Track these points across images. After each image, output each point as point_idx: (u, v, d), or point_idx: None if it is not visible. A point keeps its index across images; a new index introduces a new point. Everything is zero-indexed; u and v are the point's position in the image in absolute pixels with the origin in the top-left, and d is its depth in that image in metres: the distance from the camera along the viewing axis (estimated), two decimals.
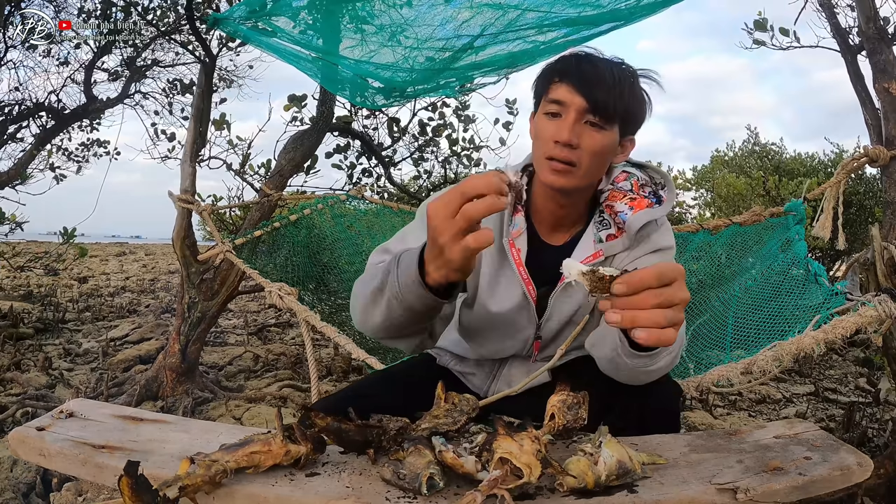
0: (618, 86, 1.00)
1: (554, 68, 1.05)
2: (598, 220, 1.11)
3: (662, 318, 0.66)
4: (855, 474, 0.70)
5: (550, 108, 1.02)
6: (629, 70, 1.04)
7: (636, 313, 0.66)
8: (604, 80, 0.99)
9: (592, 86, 0.99)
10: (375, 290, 0.93)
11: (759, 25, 2.80)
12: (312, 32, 2.18)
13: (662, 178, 1.14)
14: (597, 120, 1.00)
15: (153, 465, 0.70)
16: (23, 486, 1.91)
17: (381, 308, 0.93)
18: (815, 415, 2.69)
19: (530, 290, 1.09)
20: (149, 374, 2.80)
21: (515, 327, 1.12)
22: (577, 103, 0.99)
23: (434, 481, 0.64)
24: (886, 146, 1.85)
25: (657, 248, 1.09)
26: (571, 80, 1.00)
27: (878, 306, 1.24)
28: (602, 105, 0.99)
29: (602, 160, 1.05)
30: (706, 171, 8.79)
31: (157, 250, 16.78)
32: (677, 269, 0.68)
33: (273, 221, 2.55)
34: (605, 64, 1.02)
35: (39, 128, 4.08)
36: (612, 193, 1.11)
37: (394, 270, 0.88)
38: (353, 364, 3.41)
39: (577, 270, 0.68)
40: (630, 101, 1.03)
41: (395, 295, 0.88)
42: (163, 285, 8.23)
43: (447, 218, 0.73)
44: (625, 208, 1.08)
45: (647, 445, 0.79)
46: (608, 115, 1.00)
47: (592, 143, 1.01)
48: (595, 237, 1.10)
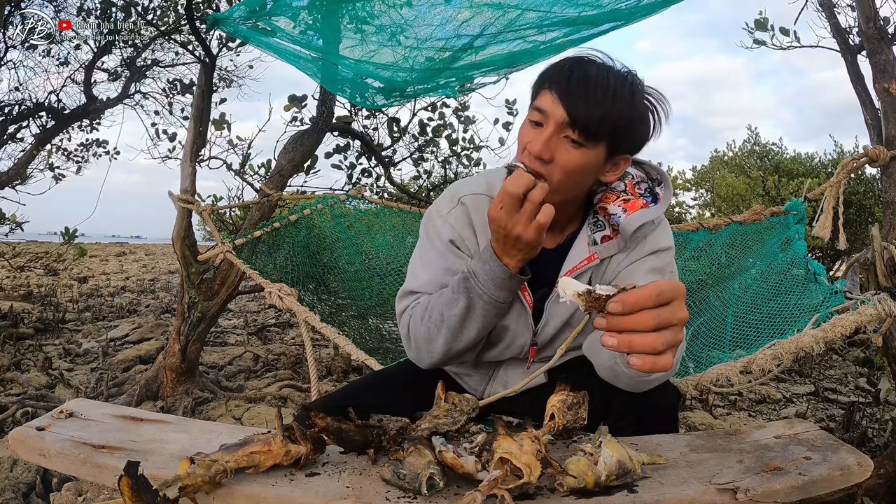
0: (607, 101, 0.90)
1: (547, 73, 0.98)
2: (593, 222, 1.08)
3: (659, 342, 0.64)
4: (855, 474, 0.70)
5: (534, 116, 0.96)
6: (631, 82, 0.94)
7: (632, 339, 0.64)
8: (591, 93, 0.90)
9: (577, 98, 0.91)
10: (462, 314, 0.99)
11: (760, 25, 2.81)
12: (312, 32, 2.18)
13: (659, 174, 1.08)
14: (576, 136, 0.92)
15: (153, 465, 0.70)
16: (23, 486, 1.91)
17: (474, 326, 1.00)
18: (815, 415, 2.69)
19: (527, 297, 1.07)
20: (149, 374, 2.80)
21: (512, 335, 1.10)
22: (558, 115, 0.92)
23: (434, 481, 0.64)
24: (886, 146, 1.85)
25: (655, 249, 1.05)
26: (557, 89, 0.93)
27: (878, 305, 1.24)
28: (583, 121, 0.91)
29: (578, 179, 0.97)
30: (706, 171, 8.79)
31: (157, 250, 16.79)
32: (677, 289, 0.66)
33: (273, 221, 2.55)
34: (600, 75, 0.92)
35: (39, 128, 4.08)
36: (605, 195, 1.06)
37: (474, 285, 0.97)
38: (353, 364, 3.41)
39: (573, 290, 0.67)
40: (625, 117, 0.93)
41: (489, 303, 0.97)
42: (163, 285, 8.23)
43: (513, 212, 0.88)
44: (618, 210, 1.03)
45: (647, 445, 0.79)
46: (590, 133, 0.91)
47: (567, 161, 0.93)
48: (589, 239, 1.07)
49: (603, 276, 1.08)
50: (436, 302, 1.04)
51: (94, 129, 4.57)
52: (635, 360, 0.65)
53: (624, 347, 0.65)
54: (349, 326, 2.48)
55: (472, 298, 0.98)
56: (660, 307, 0.65)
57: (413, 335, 1.07)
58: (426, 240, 1.14)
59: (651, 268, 1.04)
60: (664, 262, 1.06)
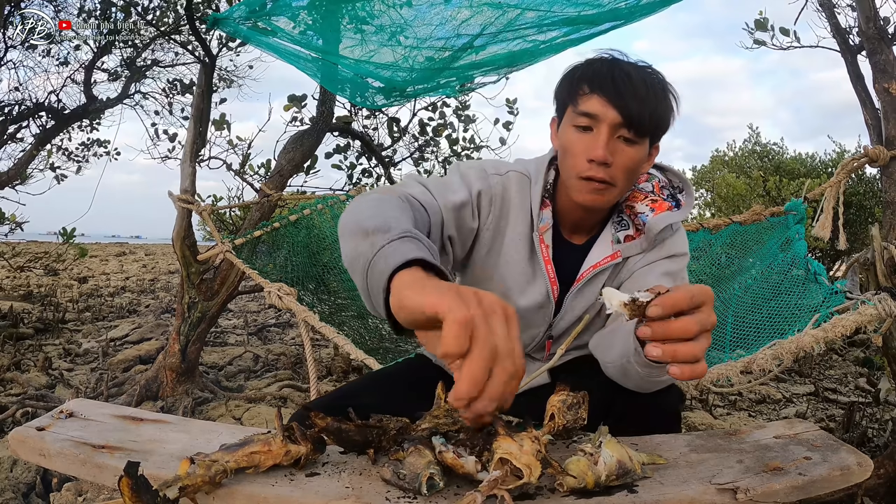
0: (651, 97, 0.95)
1: (584, 76, 0.98)
2: (617, 221, 1.09)
3: (700, 350, 0.63)
4: (855, 474, 0.70)
5: (581, 122, 0.97)
6: (659, 78, 0.99)
7: (677, 348, 0.63)
8: (638, 92, 0.94)
9: (627, 98, 0.94)
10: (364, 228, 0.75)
11: (760, 25, 2.81)
12: (312, 32, 2.18)
13: (681, 181, 1.11)
14: (630, 135, 0.95)
15: (153, 466, 0.70)
16: (23, 486, 1.91)
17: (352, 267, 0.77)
18: (815, 415, 2.69)
19: (555, 289, 1.07)
20: (149, 374, 2.80)
21: (530, 324, 1.10)
22: (611, 117, 0.94)
23: (434, 481, 0.64)
24: (886, 146, 1.85)
25: (671, 253, 1.06)
26: (604, 91, 0.95)
27: (878, 305, 1.24)
28: (637, 119, 0.94)
29: (635, 174, 1.01)
30: (706, 171, 8.79)
31: (157, 250, 16.79)
32: (706, 293, 0.65)
33: (273, 221, 2.55)
34: (637, 73, 0.96)
35: (39, 128, 4.08)
36: (633, 194, 1.08)
37: (380, 239, 0.71)
38: (353, 364, 3.41)
39: (619, 301, 0.66)
40: (662, 111, 0.98)
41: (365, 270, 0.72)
42: (163, 285, 8.23)
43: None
44: (646, 209, 1.05)
45: (647, 445, 0.79)
46: (642, 129, 0.95)
47: (626, 160, 0.96)
48: (613, 237, 1.08)
49: (619, 275, 1.09)
50: (376, 212, 0.80)
51: (94, 129, 4.58)
52: (675, 370, 0.64)
53: (669, 357, 0.64)
54: (349, 326, 2.48)
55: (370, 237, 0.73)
56: (694, 311, 0.63)
57: (351, 206, 0.89)
58: (455, 175, 1.04)
59: (665, 271, 1.04)
60: (678, 268, 1.07)
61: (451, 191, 1.01)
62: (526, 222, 1.07)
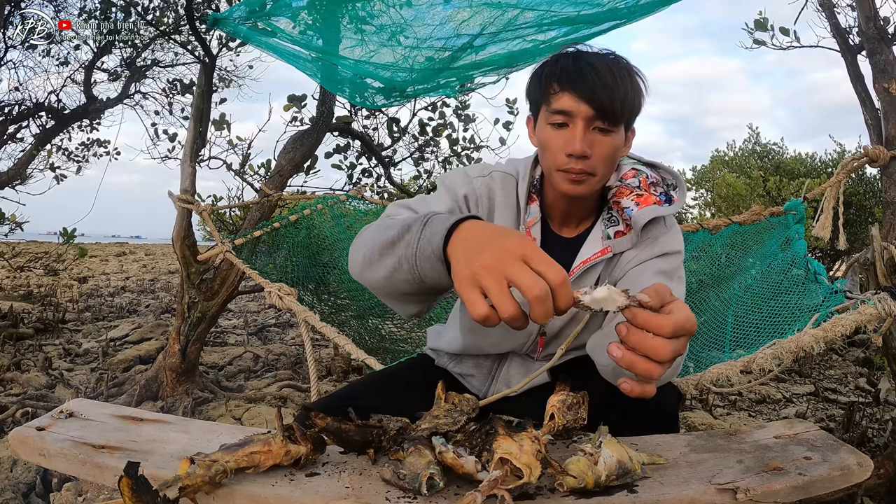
0: (619, 85, 0.96)
1: (552, 73, 1.00)
2: (607, 217, 1.11)
3: (657, 374, 0.62)
4: (855, 474, 0.70)
5: (555, 119, 0.99)
6: (624, 64, 1.01)
7: (635, 360, 0.62)
8: (606, 82, 0.95)
9: (597, 91, 0.95)
10: (387, 242, 0.82)
11: (760, 25, 2.81)
12: (312, 32, 2.18)
13: (674, 178, 1.12)
14: (605, 125, 0.97)
15: (153, 466, 0.70)
16: (23, 486, 1.91)
17: (386, 265, 0.83)
18: (815, 415, 2.69)
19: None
20: (149, 374, 2.80)
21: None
22: (584, 112, 0.96)
23: (434, 481, 0.64)
24: (886, 146, 1.85)
25: (664, 252, 1.07)
26: (574, 87, 0.97)
27: (878, 304, 1.24)
28: (609, 110, 0.96)
29: (614, 161, 1.04)
30: (706, 171, 8.79)
31: (157, 250, 16.78)
32: (692, 326, 0.63)
33: (273, 221, 2.55)
34: (602, 63, 0.98)
35: (39, 128, 4.08)
36: (619, 189, 1.09)
37: (416, 230, 0.77)
38: (353, 364, 3.41)
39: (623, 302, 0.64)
40: (633, 96, 1.00)
41: (408, 257, 0.78)
42: (163, 285, 8.23)
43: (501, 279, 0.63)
44: (631, 204, 1.06)
45: (647, 445, 0.79)
46: (616, 118, 0.97)
47: (604, 149, 0.99)
48: (603, 233, 1.09)
49: (612, 273, 1.09)
50: (392, 220, 0.90)
51: (94, 129, 4.58)
52: (625, 386, 0.64)
53: (626, 364, 0.63)
54: (349, 326, 2.48)
55: (400, 238, 0.80)
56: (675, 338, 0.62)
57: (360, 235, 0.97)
58: (440, 187, 1.11)
59: (659, 270, 1.05)
60: (673, 266, 1.07)
61: (438, 202, 1.06)
62: (512, 217, 1.10)
